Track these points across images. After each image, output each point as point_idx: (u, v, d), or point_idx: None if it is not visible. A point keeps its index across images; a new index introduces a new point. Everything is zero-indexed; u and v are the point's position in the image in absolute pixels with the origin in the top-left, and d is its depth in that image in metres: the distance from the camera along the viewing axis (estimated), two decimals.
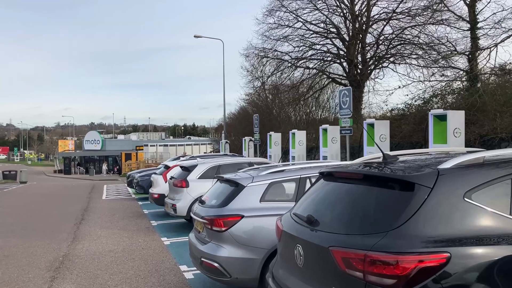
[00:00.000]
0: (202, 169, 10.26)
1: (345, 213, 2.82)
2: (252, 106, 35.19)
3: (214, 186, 6.11)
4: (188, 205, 9.84)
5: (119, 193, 21.16)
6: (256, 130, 21.30)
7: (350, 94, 13.12)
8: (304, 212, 3.14)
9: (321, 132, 14.95)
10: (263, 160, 11.40)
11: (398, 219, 2.39)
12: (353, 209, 2.77)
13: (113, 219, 12.56)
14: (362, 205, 2.73)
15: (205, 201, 5.69)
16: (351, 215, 2.73)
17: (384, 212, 2.53)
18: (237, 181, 5.35)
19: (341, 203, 2.92)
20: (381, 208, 2.58)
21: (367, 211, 2.66)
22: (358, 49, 23.17)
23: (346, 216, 2.78)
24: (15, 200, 19.35)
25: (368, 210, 2.66)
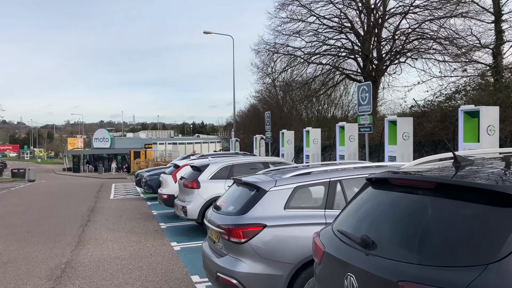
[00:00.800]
0: (214, 169, 9.63)
1: (413, 234, 2.13)
2: (262, 103, 34.52)
3: (231, 190, 5.47)
4: (199, 208, 9.22)
5: (128, 193, 20.64)
6: (268, 128, 20.63)
7: (370, 90, 12.40)
8: (353, 229, 2.48)
9: (337, 130, 14.24)
10: (279, 160, 10.74)
11: (503, 246, 1.72)
12: (426, 229, 2.09)
13: (121, 221, 12.00)
14: (440, 225, 2.04)
15: (220, 207, 5.05)
16: (424, 238, 2.06)
17: (477, 235, 1.86)
18: (257, 185, 4.69)
19: (406, 221, 2.23)
20: (472, 229, 1.90)
21: (448, 233, 1.98)
22: (374, 44, 22.36)
23: (416, 239, 2.10)
24: (22, 199, 18.90)
25: (450, 231, 1.98)
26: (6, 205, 16.24)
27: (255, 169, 9.88)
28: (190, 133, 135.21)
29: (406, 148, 11.24)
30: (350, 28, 22.43)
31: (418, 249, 2.03)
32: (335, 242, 2.56)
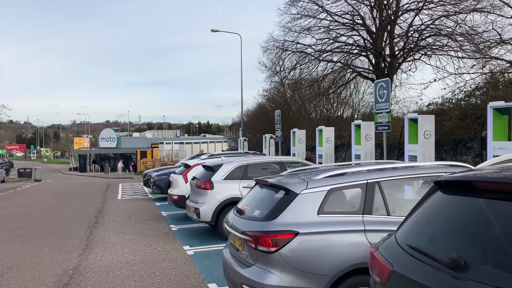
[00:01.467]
0: (228, 169, 9.17)
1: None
2: (271, 102, 34.05)
3: (253, 192, 5.00)
4: (213, 210, 8.77)
5: (135, 193, 20.25)
6: (278, 127, 20.17)
7: (389, 87, 11.91)
8: (430, 245, 2.01)
9: (353, 129, 13.75)
10: (296, 159, 10.26)
11: None
12: None
13: (129, 222, 11.57)
14: None
15: (244, 211, 4.58)
16: None
17: None
18: (287, 187, 4.22)
19: (508, 236, 1.76)
20: None
21: None
22: (386, 41, 21.82)
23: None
24: (27, 199, 18.56)
25: None
26: (11, 206, 15.88)
27: (271, 169, 9.44)
28: (196, 132, 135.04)
29: (428, 147, 10.73)
30: (362, 25, 21.91)
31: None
32: (406, 260, 2.09)
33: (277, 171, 9.40)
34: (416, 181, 4.51)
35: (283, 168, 9.37)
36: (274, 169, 9.47)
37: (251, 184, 9.24)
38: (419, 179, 4.48)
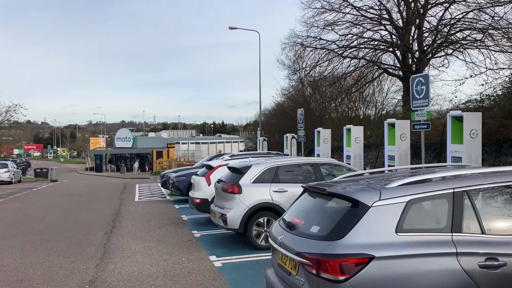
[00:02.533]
0: (257, 171, 8.36)
1: None
2: (290, 101, 33.12)
3: (304, 202, 4.17)
4: (241, 216, 7.97)
5: (153, 194, 19.60)
6: (301, 126, 19.28)
7: (427, 82, 10.96)
8: None
9: (386, 128, 12.82)
10: (333, 161, 9.36)
11: None
12: None
13: (149, 227, 10.86)
14: None
15: (295, 225, 3.76)
16: None
17: None
18: (354, 197, 3.38)
19: None
20: None
21: None
22: (414, 36, 20.79)
23: None
24: (43, 200, 18.04)
25: None
26: (26, 208, 15.33)
27: (303, 172, 8.62)
28: (211, 133, 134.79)
29: (474, 148, 9.76)
30: (388, 20, 20.92)
31: None
32: None
33: (311, 174, 8.58)
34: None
35: (317, 170, 8.54)
36: (307, 171, 8.64)
37: (282, 188, 8.45)
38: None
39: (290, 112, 30.76)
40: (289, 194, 8.15)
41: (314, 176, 8.49)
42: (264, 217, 8.06)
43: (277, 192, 8.13)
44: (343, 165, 9.07)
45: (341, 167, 8.88)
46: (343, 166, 8.97)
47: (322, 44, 21.89)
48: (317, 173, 8.50)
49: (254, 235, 7.99)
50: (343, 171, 8.71)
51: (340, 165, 8.97)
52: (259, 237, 8.03)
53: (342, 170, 8.77)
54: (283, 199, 8.10)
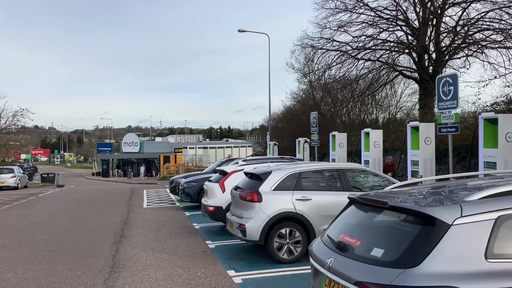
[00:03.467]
0: (278, 178, 7.71)
1: None
2: (301, 105, 32.47)
3: (351, 216, 3.51)
4: (262, 226, 7.32)
5: (161, 200, 19.00)
6: (314, 130, 18.62)
7: (456, 82, 10.28)
8: None
9: (409, 131, 12.14)
10: (357, 166, 8.68)
11: None
12: None
13: (159, 237, 10.24)
14: None
15: (348, 246, 3.09)
16: None
17: None
18: (427, 213, 2.72)
19: None
20: None
21: None
22: (431, 37, 20.12)
23: None
24: (49, 207, 17.50)
25: None
26: (31, 215, 14.77)
27: (328, 179, 7.96)
28: (218, 137, 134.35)
29: (511, 152, 9.06)
30: (403, 20, 20.28)
31: None
32: None
33: (336, 180, 7.93)
34: None
35: (343, 176, 7.88)
36: (332, 178, 7.99)
37: (306, 196, 7.80)
38: None
39: (302, 116, 30.14)
40: (314, 202, 7.51)
41: (340, 183, 7.85)
42: (286, 228, 7.41)
43: (300, 201, 7.48)
44: (372, 171, 8.40)
45: (369, 174, 8.22)
46: (371, 172, 8.31)
47: (335, 46, 21.28)
48: (342, 180, 7.85)
49: (275, 247, 7.34)
50: (372, 178, 8.06)
51: (368, 171, 8.31)
52: (281, 250, 7.37)
53: (371, 177, 8.12)
54: (307, 208, 7.45)
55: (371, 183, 8.07)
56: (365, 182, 8.08)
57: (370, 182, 8.09)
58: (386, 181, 8.03)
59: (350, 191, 7.78)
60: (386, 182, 7.97)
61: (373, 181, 8.08)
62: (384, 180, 8.05)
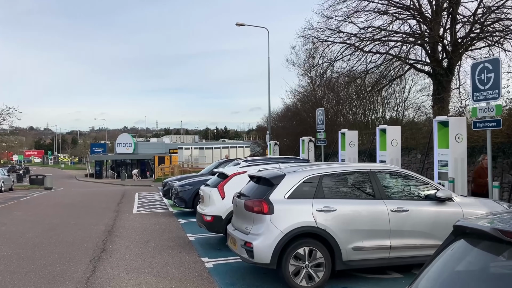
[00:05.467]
0: (293, 183, 6.11)
1: None
2: (302, 102, 30.89)
3: (463, 256, 1.92)
4: (274, 245, 5.71)
5: (153, 205, 17.36)
6: (321, 128, 17.03)
7: (498, 68, 8.71)
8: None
9: (435, 127, 10.56)
10: (391, 168, 7.00)
11: None
12: None
13: (147, 251, 8.62)
14: None
15: None
16: None
17: None
18: None
19: None
20: None
21: None
22: (446, 27, 18.60)
23: None
24: (28, 213, 15.82)
25: None
26: (4, 223, 13.07)
27: (356, 183, 6.36)
28: (214, 138, 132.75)
29: None
30: (416, 9, 18.73)
31: None
32: None
33: (365, 185, 6.33)
34: None
35: (375, 181, 6.28)
36: (361, 182, 6.39)
37: (329, 206, 6.17)
38: None
39: (303, 114, 28.57)
40: (339, 214, 5.92)
41: (371, 189, 6.26)
42: (304, 247, 5.80)
43: (322, 212, 5.89)
44: (411, 174, 6.74)
45: (408, 177, 6.60)
46: (410, 175, 6.67)
47: (341, 37, 19.71)
48: (374, 185, 6.26)
49: (291, 272, 5.74)
50: (412, 183, 6.47)
51: (407, 175, 6.67)
52: (299, 275, 5.76)
53: (410, 181, 6.52)
54: (331, 222, 5.86)
55: (411, 190, 6.48)
56: (402, 189, 6.49)
57: (409, 188, 6.50)
58: (431, 188, 6.46)
59: (384, 199, 6.21)
60: (432, 190, 6.40)
61: (413, 188, 6.50)
62: (429, 187, 6.47)
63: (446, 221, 6.21)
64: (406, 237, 6.15)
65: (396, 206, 6.16)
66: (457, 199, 6.42)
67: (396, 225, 6.10)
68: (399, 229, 6.12)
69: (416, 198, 6.41)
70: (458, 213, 6.25)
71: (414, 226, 6.18)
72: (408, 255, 6.18)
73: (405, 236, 6.15)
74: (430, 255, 6.31)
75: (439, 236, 6.16)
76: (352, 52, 19.58)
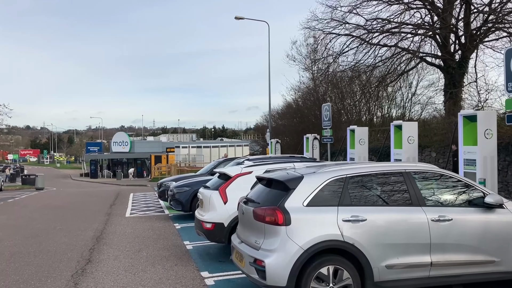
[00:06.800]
0: (314, 186, 5.01)
1: None
2: (303, 99, 29.80)
3: None
4: (292, 265, 4.62)
5: (148, 206, 16.25)
6: (327, 124, 15.95)
7: None
8: None
9: (460, 122, 9.49)
10: (431, 168, 5.85)
11: None
12: None
13: (138, 263, 7.53)
14: None
15: None
16: None
17: None
18: None
19: None
20: None
21: None
22: (458, 17, 17.55)
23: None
24: (13, 217, 14.69)
25: None
26: None
27: (389, 186, 5.27)
28: (211, 137, 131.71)
29: None
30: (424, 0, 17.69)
31: None
32: None
33: (400, 189, 5.24)
34: None
35: (411, 184, 5.20)
36: (395, 186, 5.29)
37: (358, 215, 5.02)
38: None
39: (305, 111, 27.51)
40: (370, 224, 4.84)
41: (406, 193, 5.17)
42: (329, 266, 4.71)
43: (349, 222, 4.80)
44: (452, 175, 5.65)
45: (450, 179, 5.51)
46: (451, 176, 5.58)
47: (348, 29, 18.64)
48: (410, 189, 5.18)
49: None
50: (455, 186, 5.40)
51: (447, 175, 5.57)
52: None
53: (454, 184, 5.44)
54: (361, 234, 4.77)
55: (453, 194, 5.40)
56: (443, 193, 5.41)
57: (451, 192, 5.42)
58: (478, 192, 5.38)
59: (422, 205, 5.13)
60: (478, 194, 5.33)
61: (456, 192, 5.42)
62: (474, 191, 5.39)
63: (496, 233, 5.19)
64: (449, 251, 5.08)
65: (437, 215, 5.08)
66: (509, 206, 5.34)
67: (438, 237, 5.03)
68: (441, 242, 5.05)
69: (460, 204, 5.34)
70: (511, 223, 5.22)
71: (459, 239, 5.11)
72: (452, 273, 5.10)
73: (448, 250, 5.08)
74: (477, 273, 5.30)
75: (489, 251, 5.12)
76: (359, 45, 18.53)
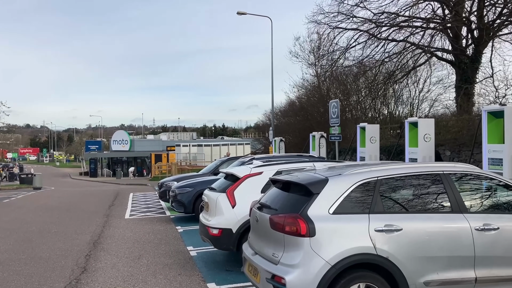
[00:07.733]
0: (341, 191, 4.33)
1: None
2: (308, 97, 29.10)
3: None
4: (317, 283, 3.95)
5: (148, 207, 15.60)
6: (335, 122, 15.25)
7: None
8: None
9: (484, 118, 8.83)
10: (471, 169, 5.14)
11: None
12: None
13: (138, 273, 6.87)
14: None
15: None
16: None
17: None
18: None
19: None
20: None
21: None
22: (471, 9, 16.87)
23: None
24: (6, 218, 14.02)
25: None
26: None
27: (426, 189, 4.60)
28: (212, 135, 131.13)
29: None
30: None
31: None
32: None
33: (439, 194, 4.57)
34: None
35: (450, 187, 4.53)
36: (432, 190, 4.61)
37: (392, 225, 4.25)
38: None
39: (309, 109, 26.83)
40: (406, 235, 4.16)
41: (446, 198, 4.50)
42: (359, 283, 4.05)
43: (383, 233, 4.12)
44: (495, 177, 4.96)
45: (494, 181, 4.83)
46: (495, 178, 4.89)
47: (355, 22, 17.96)
48: (450, 193, 4.51)
49: None
50: (500, 190, 4.73)
51: (490, 177, 4.89)
52: None
53: (499, 187, 4.77)
54: (396, 247, 4.10)
55: (498, 199, 4.74)
56: (487, 197, 4.74)
57: (495, 197, 4.75)
58: None
59: (464, 212, 4.46)
60: None
61: (501, 196, 4.75)
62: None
63: None
64: (496, 265, 4.42)
65: (481, 223, 4.42)
66: None
67: (483, 249, 4.37)
68: (486, 255, 4.38)
69: (506, 210, 4.67)
70: None
71: (507, 251, 4.44)
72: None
73: (494, 264, 4.41)
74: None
75: None
76: (367, 39, 17.84)
